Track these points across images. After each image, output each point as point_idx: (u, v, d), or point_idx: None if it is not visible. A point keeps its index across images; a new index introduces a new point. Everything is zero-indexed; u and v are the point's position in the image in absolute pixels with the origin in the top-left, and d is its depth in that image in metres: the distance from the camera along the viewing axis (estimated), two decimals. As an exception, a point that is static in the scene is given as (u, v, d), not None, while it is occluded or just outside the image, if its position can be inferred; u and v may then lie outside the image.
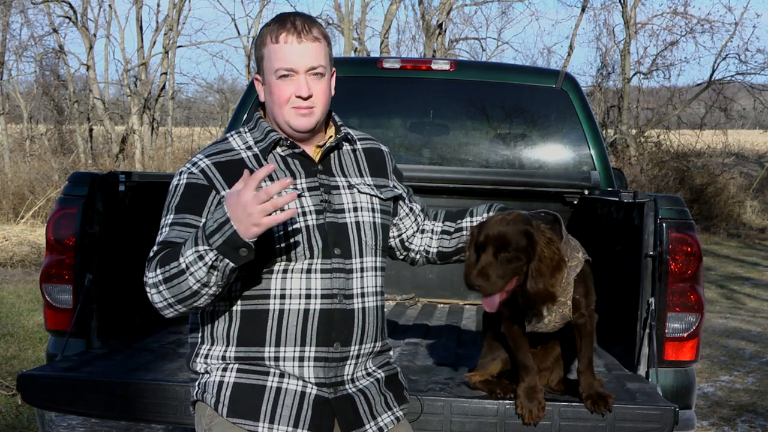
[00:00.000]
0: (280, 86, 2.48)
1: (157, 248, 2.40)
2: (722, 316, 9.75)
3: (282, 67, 2.47)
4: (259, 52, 2.53)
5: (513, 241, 2.56)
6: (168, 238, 2.41)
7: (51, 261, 3.55)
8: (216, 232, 2.22)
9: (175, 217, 2.44)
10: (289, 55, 2.46)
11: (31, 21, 23.37)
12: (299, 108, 2.49)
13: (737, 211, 19.75)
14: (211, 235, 2.23)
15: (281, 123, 2.52)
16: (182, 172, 2.50)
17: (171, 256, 2.31)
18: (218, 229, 2.22)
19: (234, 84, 30.01)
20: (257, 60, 2.55)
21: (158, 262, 2.33)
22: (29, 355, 6.84)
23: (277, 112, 2.51)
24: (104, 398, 2.93)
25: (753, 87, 22.83)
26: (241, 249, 2.22)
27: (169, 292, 2.32)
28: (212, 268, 2.25)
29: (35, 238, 12.48)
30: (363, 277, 2.53)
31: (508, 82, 5.19)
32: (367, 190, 2.59)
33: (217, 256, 2.23)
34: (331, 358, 2.48)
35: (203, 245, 2.24)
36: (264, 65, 2.51)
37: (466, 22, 25.40)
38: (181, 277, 2.29)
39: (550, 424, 2.80)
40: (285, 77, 2.47)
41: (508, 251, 2.56)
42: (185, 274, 2.28)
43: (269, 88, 2.51)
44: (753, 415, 6.03)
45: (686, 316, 3.36)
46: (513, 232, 2.56)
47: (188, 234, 2.39)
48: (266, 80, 2.52)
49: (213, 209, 2.43)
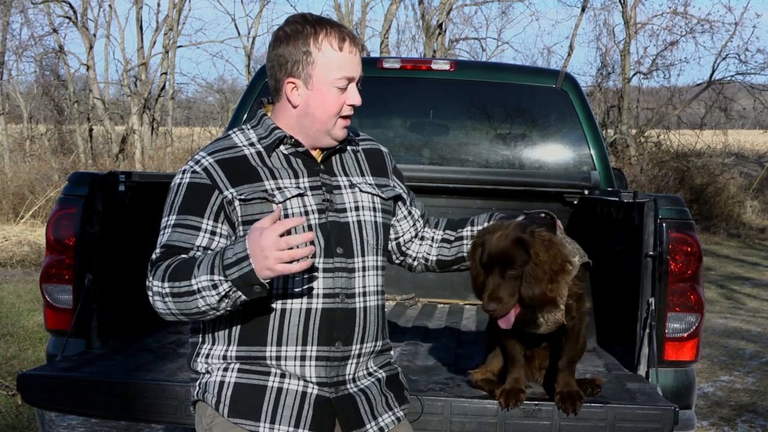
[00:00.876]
0: (337, 96, 2.46)
1: (161, 252, 2.40)
2: (722, 316, 9.75)
3: (346, 77, 2.45)
4: (303, 55, 2.44)
5: (515, 256, 2.55)
6: (170, 241, 2.41)
7: (51, 261, 3.55)
8: (234, 266, 2.23)
9: (177, 218, 2.43)
10: (352, 65, 2.46)
11: (31, 21, 23.39)
12: (347, 118, 2.50)
13: (737, 211, 19.75)
14: (229, 267, 2.23)
15: (319, 131, 2.49)
16: (185, 170, 2.48)
17: (181, 271, 2.30)
18: (236, 263, 2.23)
19: (234, 84, 30.05)
20: (294, 62, 2.45)
21: (166, 274, 2.32)
22: (29, 355, 6.84)
23: (324, 120, 2.48)
24: (104, 398, 2.93)
25: (753, 87, 22.83)
26: (255, 286, 2.24)
27: (176, 306, 2.33)
28: (225, 297, 2.27)
29: (35, 238, 12.48)
30: (365, 276, 2.53)
31: (508, 82, 5.19)
32: (368, 189, 2.59)
33: (231, 288, 2.25)
34: (333, 357, 2.48)
35: (219, 275, 2.24)
36: (313, 70, 2.44)
37: (466, 22, 25.41)
38: (190, 297, 2.29)
39: (550, 424, 2.80)
40: (343, 87, 2.46)
41: (513, 268, 2.55)
42: (195, 295, 2.28)
43: (320, 96, 2.46)
44: (753, 415, 6.03)
45: (686, 316, 3.36)
46: (512, 245, 2.55)
47: (190, 237, 2.39)
48: (316, 87, 2.45)
49: (216, 209, 2.43)
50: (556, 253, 2.57)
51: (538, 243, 2.55)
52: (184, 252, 2.39)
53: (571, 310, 2.75)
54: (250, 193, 2.43)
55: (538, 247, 2.55)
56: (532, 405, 2.80)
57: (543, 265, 2.54)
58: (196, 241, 2.41)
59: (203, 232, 2.41)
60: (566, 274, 2.60)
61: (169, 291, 2.32)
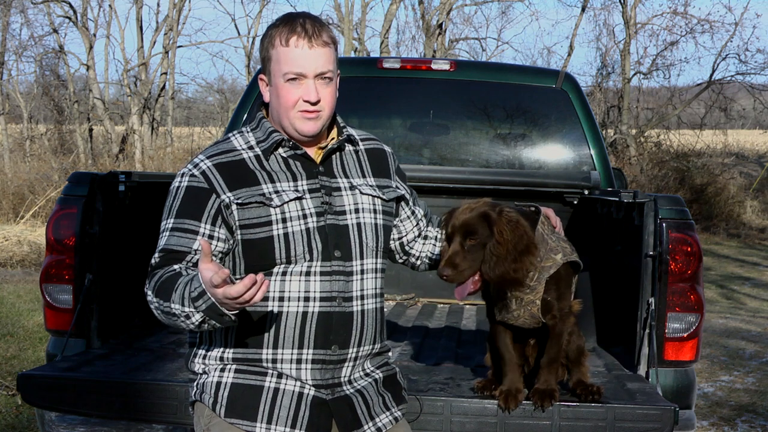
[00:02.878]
0: (288, 90, 2.46)
1: (159, 257, 2.42)
2: (722, 316, 9.75)
3: (291, 71, 2.45)
4: (265, 53, 2.50)
5: (477, 228, 2.57)
6: (168, 245, 2.42)
7: (51, 261, 3.55)
8: (199, 299, 2.24)
9: (175, 222, 2.44)
10: (299, 60, 2.44)
11: (31, 21, 23.40)
12: (306, 112, 2.47)
13: (737, 211, 19.75)
14: (196, 300, 2.24)
15: (287, 126, 2.50)
16: (183, 173, 2.49)
17: (166, 290, 2.32)
18: (199, 296, 2.23)
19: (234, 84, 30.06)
20: (263, 60, 2.53)
21: (156, 287, 2.35)
22: (29, 355, 6.84)
23: (284, 115, 2.49)
24: (104, 398, 2.93)
25: (753, 87, 22.83)
26: (224, 316, 2.25)
27: (166, 320, 2.36)
28: (202, 323, 2.29)
29: (35, 238, 12.48)
30: (363, 279, 2.53)
31: (508, 82, 5.18)
32: (369, 191, 2.58)
33: (204, 318, 2.26)
34: (329, 360, 2.48)
35: (189, 307, 2.26)
36: (271, 67, 2.49)
37: (466, 22, 25.41)
38: (174, 318, 2.32)
39: (550, 424, 2.80)
40: (293, 81, 2.46)
41: (473, 238, 2.57)
42: (177, 317, 2.30)
43: (276, 90, 2.49)
44: (753, 415, 6.03)
45: (686, 316, 3.36)
46: (476, 218, 2.58)
47: (188, 240, 2.41)
48: (273, 82, 2.50)
49: (213, 213, 2.43)
50: (522, 234, 2.59)
51: (504, 221, 2.58)
52: (183, 256, 2.41)
53: (552, 308, 2.74)
54: (247, 197, 2.43)
55: (503, 226, 2.57)
56: (532, 405, 2.80)
57: (506, 243, 2.56)
58: (194, 245, 2.41)
59: (200, 236, 2.42)
60: (531, 255, 2.61)
61: (157, 305, 2.35)
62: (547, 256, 2.69)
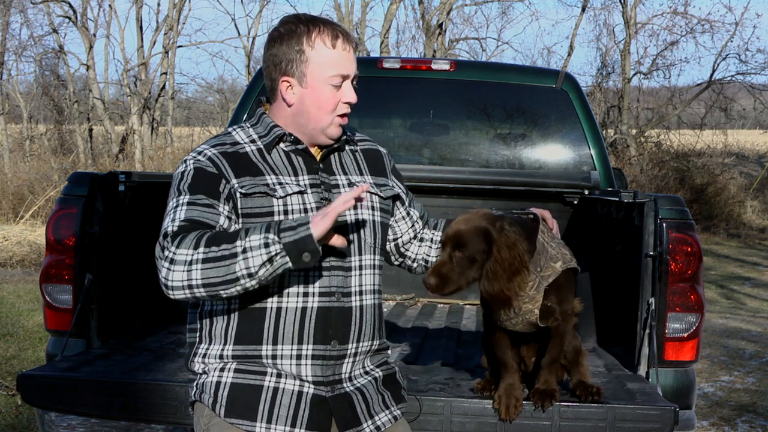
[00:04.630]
0: (333, 92, 2.46)
1: (180, 225, 2.33)
2: (722, 316, 9.75)
3: (340, 74, 2.45)
4: (296, 54, 2.45)
5: (469, 241, 2.54)
6: (191, 216, 2.35)
7: (51, 261, 3.55)
8: (290, 230, 2.24)
9: (192, 198, 2.39)
10: (346, 62, 2.46)
11: (30, 21, 23.38)
12: (343, 116, 2.49)
13: (737, 211, 19.76)
14: (285, 231, 2.24)
15: (314, 129, 2.49)
16: (187, 159, 2.47)
17: (223, 238, 2.27)
18: (296, 227, 2.24)
19: (234, 84, 30.04)
20: (289, 61, 2.46)
21: (201, 241, 2.27)
22: (29, 355, 6.84)
23: (320, 118, 2.48)
24: (104, 398, 2.93)
25: (753, 87, 22.83)
26: (305, 254, 2.24)
27: (203, 273, 2.26)
28: (269, 261, 2.24)
29: (35, 238, 12.49)
30: (361, 275, 2.53)
31: (508, 82, 5.19)
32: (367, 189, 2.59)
33: (282, 251, 2.24)
34: (329, 356, 2.48)
35: (274, 234, 2.24)
36: (307, 69, 2.45)
37: (466, 22, 25.41)
38: (230, 260, 2.25)
39: (550, 424, 2.80)
40: (337, 85, 2.46)
41: (462, 251, 2.55)
42: (237, 257, 2.24)
43: (314, 93, 2.47)
44: (753, 415, 6.03)
45: (686, 316, 3.36)
46: (471, 231, 2.55)
47: (210, 215, 2.36)
48: (311, 84, 2.46)
49: (225, 196, 2.40)
50: (516, 255, 2.55)
51: (503, 240, 2.55)
52: (209, 228, 2.35)
53: (553, 313, 2.73)
54: (251, 187, 2.43)
55: (502, 245, 2.54)
56: (532, 405, 2.80)
57: (503, 262, 2.53)
58: (220, 220, 2.38)
59: (221, 215, 2.39)
60: (521, 276, 2.58)
61: (202, 257, 2.25)
62: (546, 265, 2.67)
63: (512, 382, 2.82)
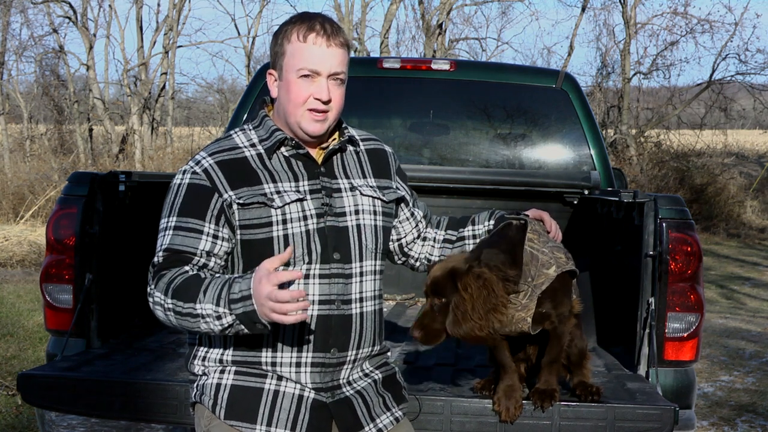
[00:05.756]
0: (300, 86, 2.45)
1: (163, 257, 2.39)
2: (722, 316, 9.75)
3: (306, 67, 2.44)
4: (279, 47, 2.48)
5: (443, 287, 2.53)
6: (173, 244, 2.40)
7: (51, 261, 3.55)
8: (239, 302, 2.24)
9: (178, 221, 2.42)
10: (316, 57, 2.44)
11: (31, 21, 23.38)
12: (315, 111, 2.46)
13: (737, 211, 19.75)
14: (235, 302, 2.25)
15: (292, 123, 2.49)
16: (185, 171, 2.48)
17: (185, 291, 2.30)
18: (241, 300, 2.24)
19: (234, 84, 30.01)
20: (274, 55, 2.50)
21: (170, 289, 2.32)
22: (29, 355, 6.84)
23: (291, 111, 2.48)
24: (104, 398, 2.93)
25: (753, 87, 22.81)
26: (258, 324, 2.25)
27: (177, 321, 2.35)
28: (228, 327, 2.29)
29: (35, 238, 12.48)
30: (362, 282, 2.52)
31: (508, 82, 5.18)
32: (369, 193, 2.57)
33: (235, 321, 2.26)
34: (328, 363, 2.47)
35: (224, 308, 2.25)
36: (284, 61, 2.47)
37: (466, 22, 25.41)
38: (193, 319, 2.30)
39: (550, 424, 2.80)
40: (307, 77, 2.45)
41: (440, 298, 2.54)
42: (198, 318, 2.30)
43: (287, 85, 2.47)
44: (753, 415, 6.03)
45: (686, 316, 3.36)
46: (443, 276, 2.53)
47: (193, 240, 2.39)
48: (284, 77, 2.47)
49: (216, 212, 2.42)
50: (490, 291, 2.49)
51: (470, 277, 2.49)
52: (189, 258, 2.39)
53: (549, 317, 2.70)
54: (249, 197, 2.42)
55: (468, 283, 2.48)
56: (532, 405, 2.80)
57: (471, 301, 2.48)
58: (200, 245, 2.40)
59: (205, 235, 2.41)
60: (499, 314, 2.52)
61: (171, 307, 2.32)
62: (538, 273, 2.62)
63: (511, 383, 2.81)
